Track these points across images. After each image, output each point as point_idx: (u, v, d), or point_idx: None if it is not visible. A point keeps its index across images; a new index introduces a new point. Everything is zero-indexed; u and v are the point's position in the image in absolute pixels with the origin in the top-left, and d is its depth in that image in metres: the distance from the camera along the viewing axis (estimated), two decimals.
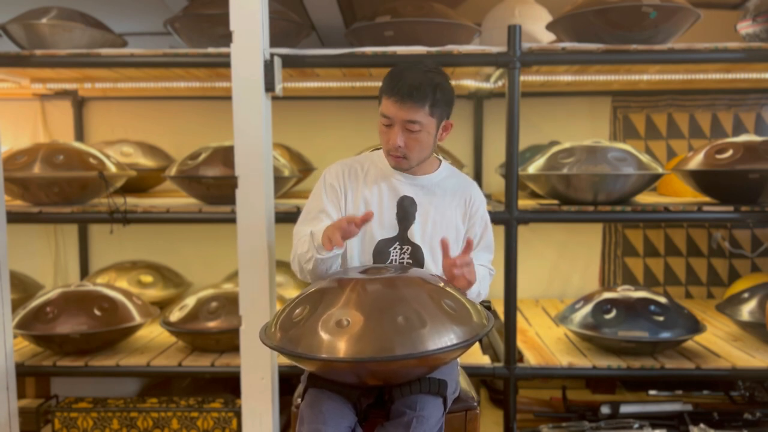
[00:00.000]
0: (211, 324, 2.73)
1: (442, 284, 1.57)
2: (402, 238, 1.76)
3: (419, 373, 1.48)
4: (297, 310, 1.50)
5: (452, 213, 1.79)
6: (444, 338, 1.39)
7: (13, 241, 2.61)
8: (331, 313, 1.43)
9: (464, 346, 1.43)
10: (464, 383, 1.80)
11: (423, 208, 1.77)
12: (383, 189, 1.78)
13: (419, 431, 1.44)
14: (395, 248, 1.76)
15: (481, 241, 1.85)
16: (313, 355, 1.38)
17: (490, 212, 2.61)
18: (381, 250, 1.75)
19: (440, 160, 1.87)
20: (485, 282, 1.83)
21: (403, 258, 1.76)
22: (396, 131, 1.68)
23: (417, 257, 1.76)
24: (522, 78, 2.77)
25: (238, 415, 2.69)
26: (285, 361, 2.39)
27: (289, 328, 1.47)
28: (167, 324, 2.80)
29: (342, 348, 1.36)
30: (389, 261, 1.75)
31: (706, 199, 2.84)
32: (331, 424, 1.45)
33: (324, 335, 1.39)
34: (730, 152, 2.66)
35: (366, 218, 1.59)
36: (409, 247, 1.76)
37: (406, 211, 1.77)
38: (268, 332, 1.55)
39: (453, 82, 3.31)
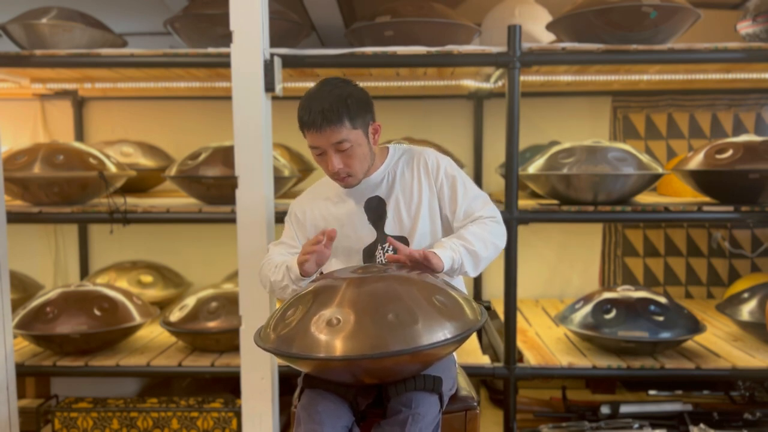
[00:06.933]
0: (211, 324, 2.73)
1: (432, 280, 1.57)
2: (382, 238, 1.77)
3: (414, 369, 1.48)
4: (289, 312, 1.51)
5: (417, 187, 1.78)
6: (437, 333, 1.39)
7: (13, 241, 2.61)
8: (323, 312, 1.43)
9: (457, 340, 1.43)
10: (464, 383, 1.80)
11: (392, 200, 1.78)
12: (348, 202, 1.81)
13: (415, 429, 1.43)
14: (380, 250, 1.78)
15: (459, 196, 1.76)
16: (306, 354, 1.38)
17: None
18: (368, 257, 1.78)
19: (387, 148, 1.86)
20: (485, 232, 1.71)
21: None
22: (330, 156, 1.69)
23: None
24: (522, 78, 2.78)
25: (238, 415, 2.69)
26: None
27: (282, 330, 1.47)
28: (167, 324, 2.80)
29: (335, 347, 1.36)
30: (378, 262, 1.77)
31: (706, 199, 2.84)
32: (327, 424, 1.45)
33: (316, 335, 1.39)
34: (730, 152, 2.66)
35: (330, 236, 1.63)
36: None
37: (375, 212, 1.78)
38: (262, 334, 1.55)
39: (453, 83, 3.39)
